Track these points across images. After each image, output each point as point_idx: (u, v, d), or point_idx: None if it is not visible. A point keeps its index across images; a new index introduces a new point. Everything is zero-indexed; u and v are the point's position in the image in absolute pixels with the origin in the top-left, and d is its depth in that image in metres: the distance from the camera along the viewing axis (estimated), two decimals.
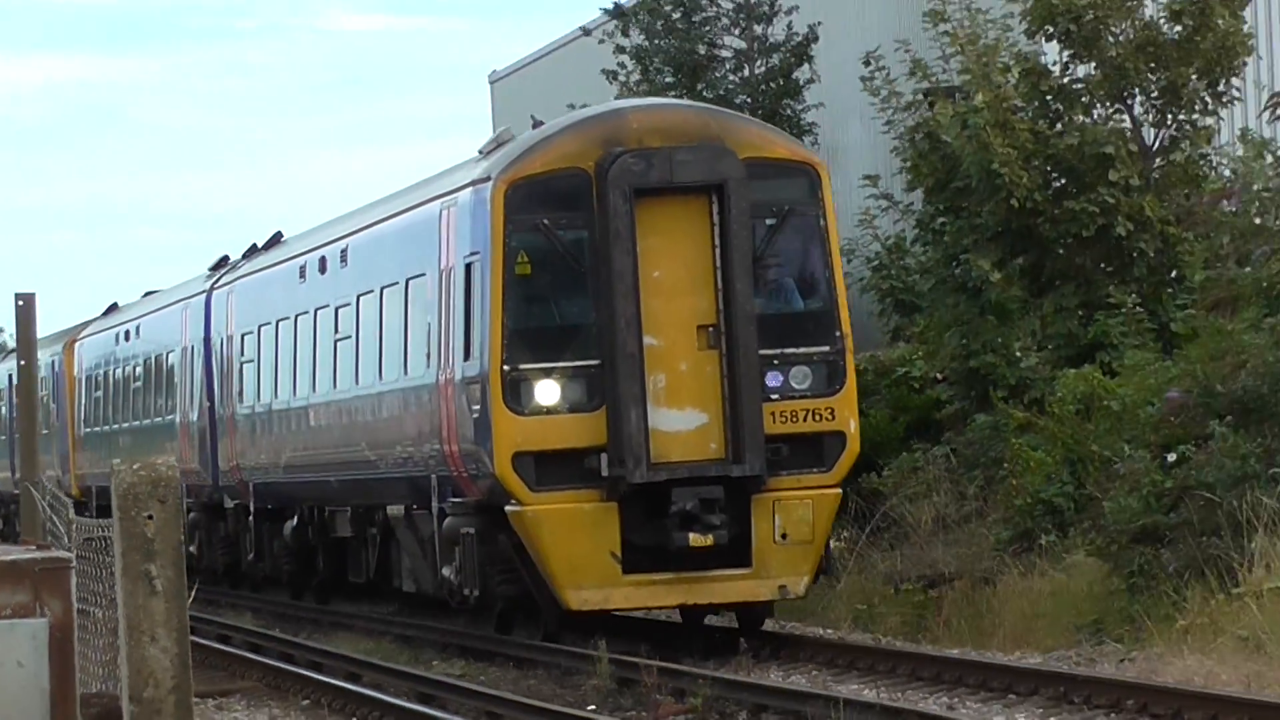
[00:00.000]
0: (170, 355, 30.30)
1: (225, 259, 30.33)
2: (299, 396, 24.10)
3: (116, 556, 6.03)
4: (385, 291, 20.58)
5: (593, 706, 14.93)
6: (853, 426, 17.02)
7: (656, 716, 14.19)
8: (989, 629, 17.10)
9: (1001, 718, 13.20)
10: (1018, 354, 19.63)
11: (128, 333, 33.61)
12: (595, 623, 17.24)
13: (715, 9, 31.86)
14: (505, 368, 16.35)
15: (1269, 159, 18.60)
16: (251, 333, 26.12)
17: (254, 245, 28.57)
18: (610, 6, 32.46)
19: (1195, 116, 21.67)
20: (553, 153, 16.89)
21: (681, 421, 16.45)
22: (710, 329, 16.48)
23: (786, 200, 17.00)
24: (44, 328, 26.56)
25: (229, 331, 27.20)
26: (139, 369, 32.71)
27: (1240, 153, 19.75)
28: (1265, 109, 19.69)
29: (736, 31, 32.05)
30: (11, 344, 34.76)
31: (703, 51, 30.97)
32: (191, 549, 27.82)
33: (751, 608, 17.31)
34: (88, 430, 36.40)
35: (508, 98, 44.84)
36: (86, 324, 38.82)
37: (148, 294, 36.00)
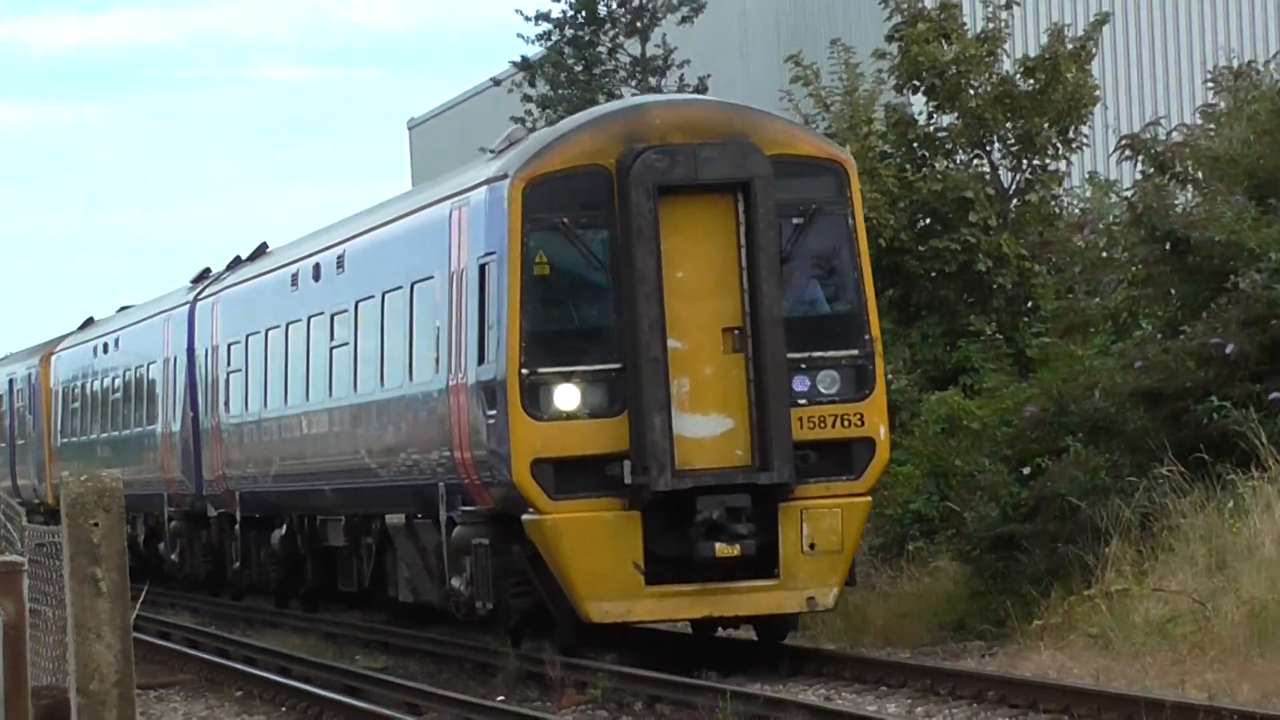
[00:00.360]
0: (151, 367, 30.28)
1: (207, 271, 30.04)
2: (291, 405, 23.49)
3: (65, 561, 6.43)
4: (387, 296, 19.79)
5: (501, 697, 15.64)
6: (883, 433, 16.45)
7: (560, 705, 14.96)
8: (862, 627, 18.22)
9: (874, 707, 14.13)
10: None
11: (106, 345, 34.00)
12: (611, 635, 16.75)
13: (614, 62, 35.49)
14: (524, 371, 15.64)
15: (1114, 198, 21.69)
16: (239, 342, 25.71)
17: (238, 257, 28.16)
18: (519, 60, 36.49)
19: (1048, 161, 24.45)
20: (572, 149, 16.16)
21: (706, 427, 15.79)
22: (735, 332, 15.82)
23: (814, 199, 16.37)
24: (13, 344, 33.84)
25: (214, 342, 26.92)
26: (118, 381, 32.91)
27: (1089, 193, 23.97)
28: (1115, 151, 21.29)
29: (634, 84, 35.10)
30: None
31: (603, 101, 31.66)
32: (173, 557, 28.90)
33: (777, 620, 16.71)
34: (65, 441, 36.72)
35: (424, 143, 48.62)
36: (62, 338, 39.33)
37: (123, 308, 36.46)
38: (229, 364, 26.20)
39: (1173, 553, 15.51)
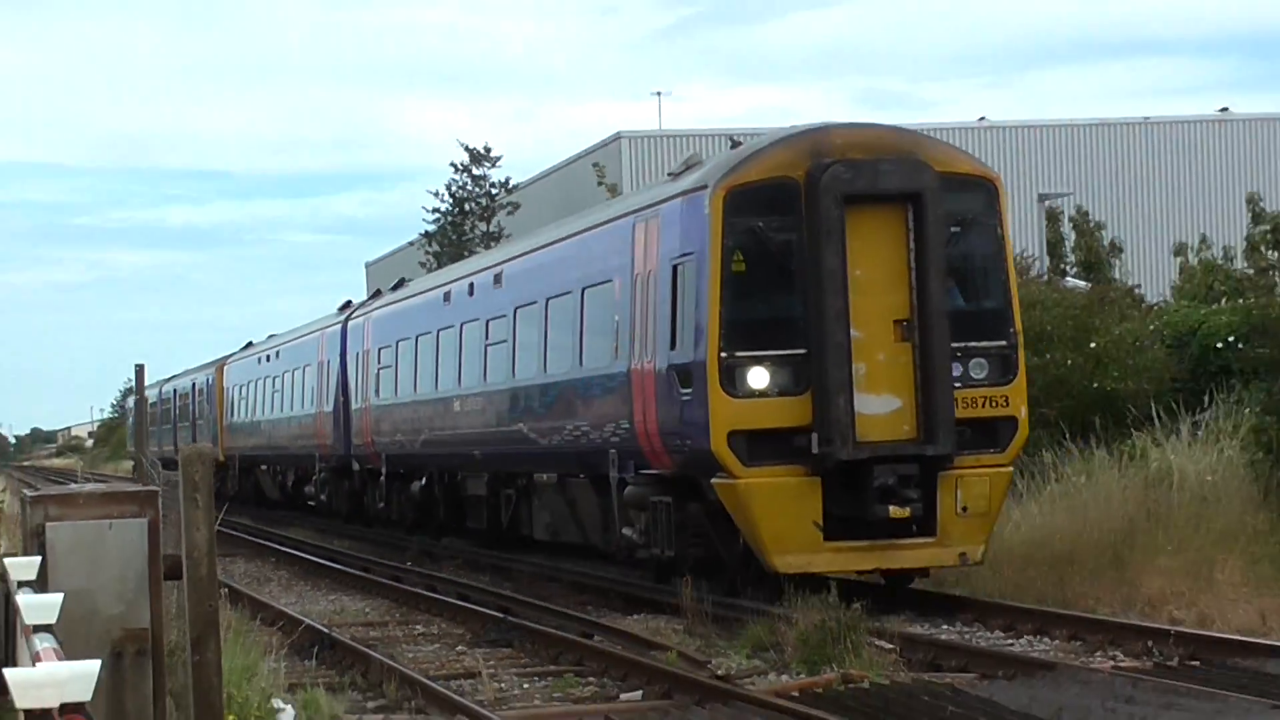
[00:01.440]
0: (307, 369, 40.91)
1: (349, 302, 41.56)
2: (441, 390, 29.21)
3: (180, 488, 10.93)
4: (551, 301, 23.72)
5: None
6: (1023, 412, 18.67)
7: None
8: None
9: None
10: None
11: (267, 356, 47.20)
12: (774, 583, 18.81)
13: (473, 235, 58.68)
14: (722, 355, 17.82)
15: None
16: (389, 347, 33.10)
17: (378, 290, 37.16)
18: (424, 233, 61.29)
19: None
20: (766, 163, 18.37)
21: (879, 406, 17.89)
22: (904, 323, 17.99)
23: (969, 210, 18.57)
24: (194, 362, 59.35)
25: (365, 348, 35.02)
26: (277, 380, 45.26)
27: None
28: None
29: (481, 246, 53.85)
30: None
31: (466, 255, 50.11)
32: (322, 496, 40.09)
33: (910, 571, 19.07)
34: (232, 421, 52.83)
35: (375, 274, 74.27)
36: (229, 355, 56.25)
37: (270, 336, 51.69)
38: (379, 363, 33.76)
39: None
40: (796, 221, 17.99)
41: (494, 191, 58.50)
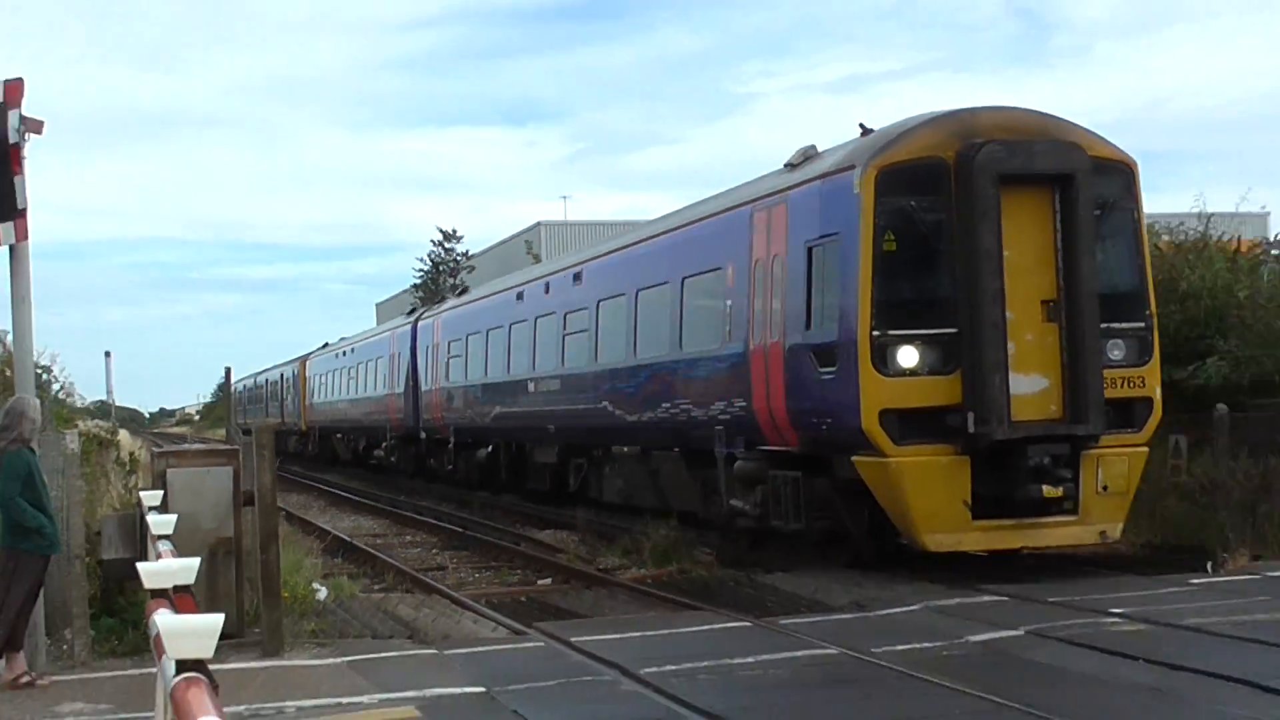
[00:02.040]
0: (380, 361, 48.61)
1: (415, 306, 53.44)
2: (513, 374, 32.65)
3: (253, 447, 16.04)
4: (641, 294, 25.11)
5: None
6: (1158, 393, 18.66)
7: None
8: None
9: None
10: None
11: (344, 352, 57.45)
12: (897, 560, 19.19)
13: (445, 286, 75.73)
14: (875, 334, 17.59)
15: None
16: (458, 340, 38.13)
17: (443, 296, 46.40)
18: (413, 285, 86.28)
19: None
20: (916, 143, 18.03)
21: (1028, 385, 17.72)
22: (1050, 304, 17.81)
23: (1109, 194, 18.39)
24: (281, 358, 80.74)
25: (434, 341, 40.85)
26: (353, 370, 54.03)
27: None
28: None
29: (451, 295, 55.98)
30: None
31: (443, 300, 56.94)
32: (392, 459, 48.12)
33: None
34: (314, 401, 65.44)
35: (383, 312, 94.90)
36: (310, 352, 68.62)
37: (342, 339, 63.43)
38: (449, 353, 39.08)
39: None
40: (946, 201, 17.73)
41: (458, 259, 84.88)
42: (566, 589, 20.68)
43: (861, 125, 19.47)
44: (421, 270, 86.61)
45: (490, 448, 35.40)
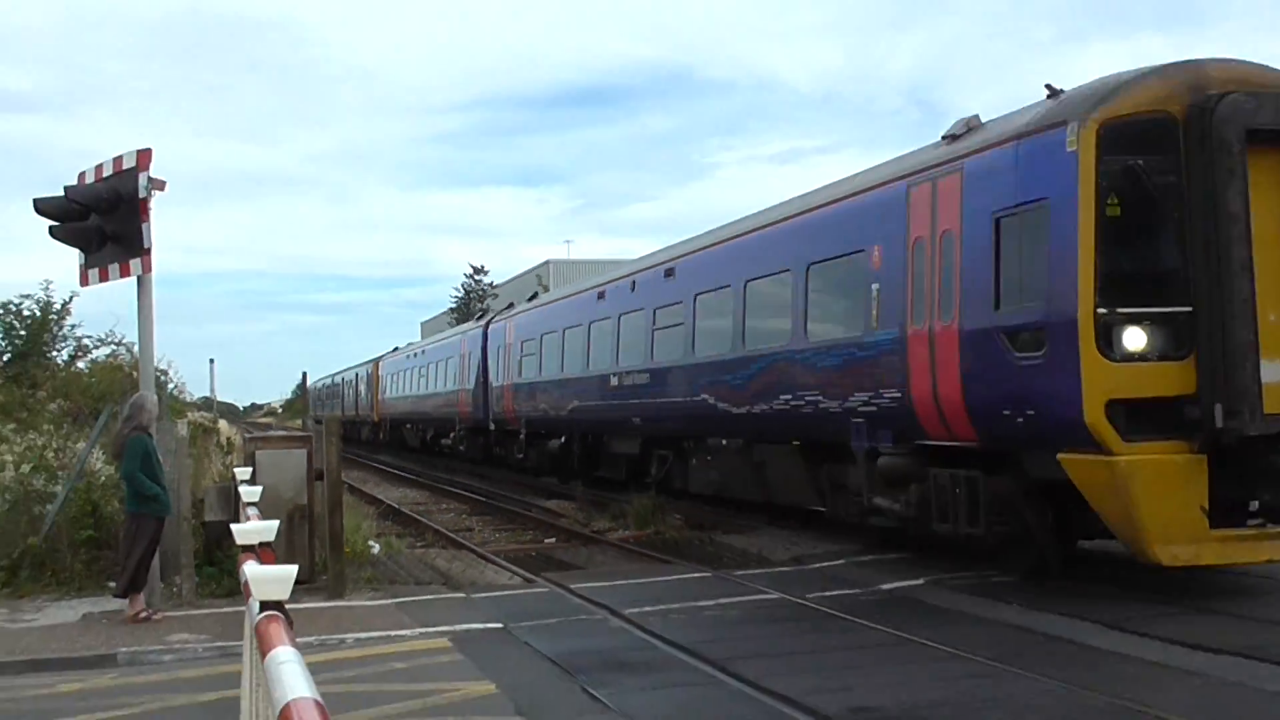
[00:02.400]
0: (450, 361, 45.90)
1: (485, 309, 58.27)
2: (593, 369, 29.07)
3: (324, 434, 16.57)
4: (749, 284, 20.94)
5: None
6: None
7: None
8: None
9: None
10: None
11: (415, 354, 55.98)
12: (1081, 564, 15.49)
13: (475, 309, 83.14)
14: (1099, 311, 13.07)
15: None
16: (532, 339, 34.83)
17: (510, 304, 42.20)
18: (450, 307, 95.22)
19: None
20: (1143, 95, 13.48)
21: (1275, 373, 13.03)
22: None
23: None
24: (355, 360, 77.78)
25: (507, 341, 37.49)
26: (423, 369, 51.79)
27: None
28: None
29: (479, 320, 57.73)
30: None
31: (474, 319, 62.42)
32: (460, 447, 45.09)
33: None
34: (385, 396, 62.93)
35: (426, 329, 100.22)
36: (382, 355, 66.82)
37: (409, 344, 65.68)
38: (522, 352, 35.68)
39: None
40: (1176, 160, 13.36)
41: (484, 288, 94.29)
42: (567, 546, 22.54)
43: (1049, 87, 14.65)
44: (456, 296, 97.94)
45: (563, 439, 32.84)
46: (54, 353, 25.78)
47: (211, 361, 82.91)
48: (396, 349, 66.21)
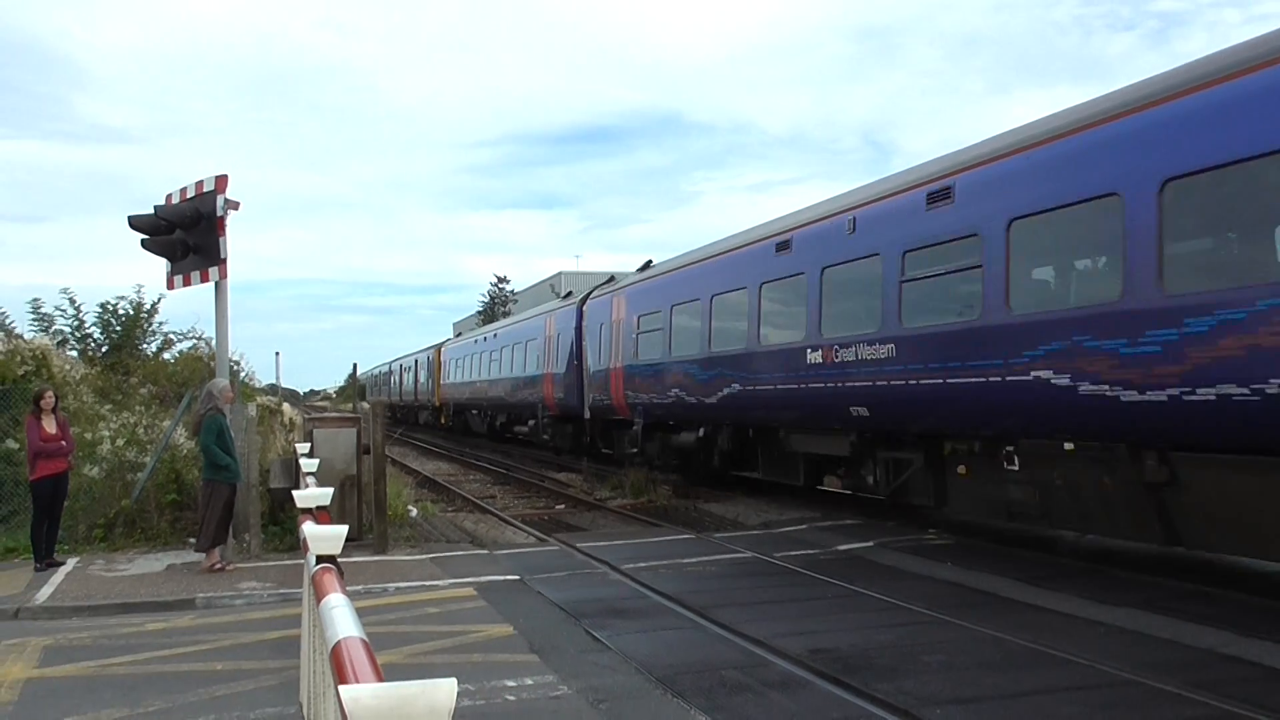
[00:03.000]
0: (531, 344, 36.09)
1: (570, 293, 37.22)
2: (765, 343, 18.42)
3: (371, 417, 16.17)
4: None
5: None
6: None
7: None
8: None
9: None
10: None
11: (486, 338, 45.09)
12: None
13: (499, 313, 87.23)
14: None
15: None
16: (656, 313, 23.68)
17: (611, 277, 30.53)
18: (478, 310, 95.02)
19: None
20: None
21: None
22: None
23: None
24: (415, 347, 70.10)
25: (615, 318, 26.50)
26: (494, 353, 41.92)
27: None
28: None
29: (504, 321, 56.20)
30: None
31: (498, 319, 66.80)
32: (544, 435, 35.17)
33: None
34: (446, 382, 54.21)
35: (458, 328, 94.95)
36: (444, 340, 58.89)
37: (458, 334, 58.83)
38: (638, 329, 24.77)
39: None
40: None
41: (507, 294, 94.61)
42: (574, 512, 22.33)
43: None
44: (482, 301, 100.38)
45: (700, 431, 22.31)
46: (144, 345, 25.81)
47: (277, 354, 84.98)
48: (460, 334, 58.82)
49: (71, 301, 27.31)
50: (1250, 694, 8.19)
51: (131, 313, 26.84)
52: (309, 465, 12.35)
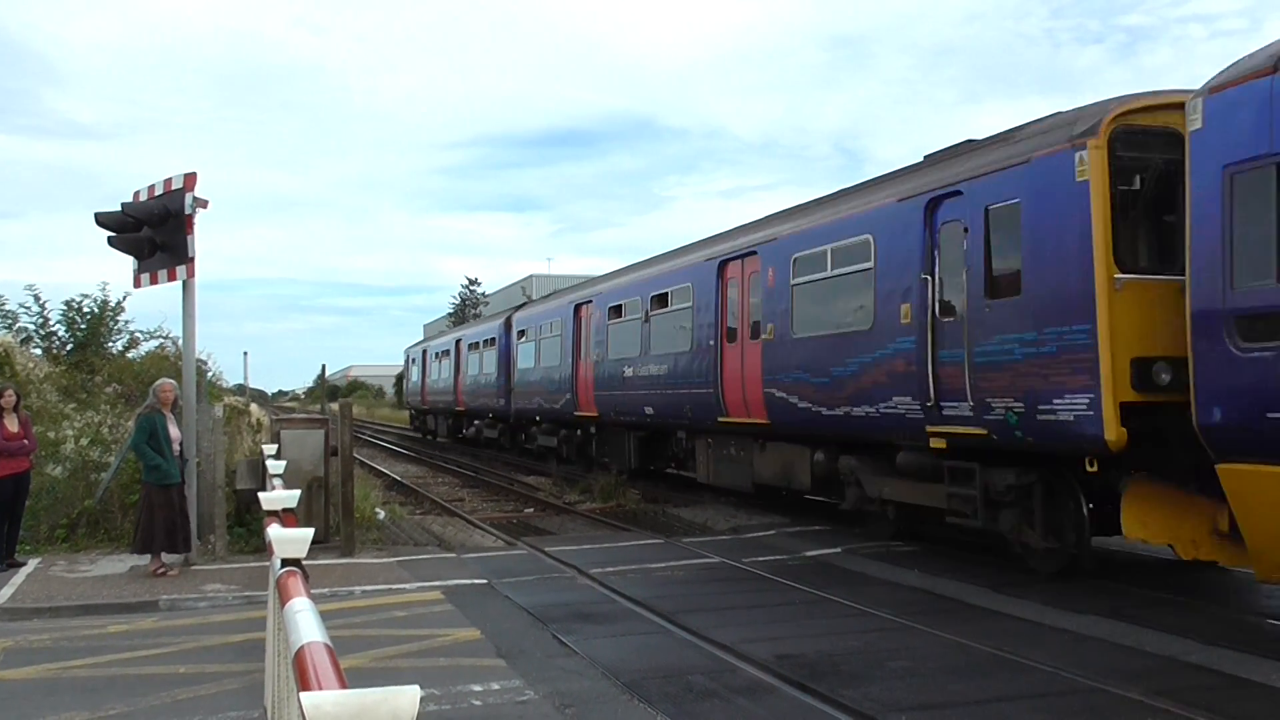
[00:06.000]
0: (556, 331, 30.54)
1: (479, 314, 63.81)
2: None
3: (339, 418, 16.47)
4: None
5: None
6: None
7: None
8: None
9: None
10: None
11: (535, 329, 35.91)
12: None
13: (469, 315, 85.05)
14: None
15: None
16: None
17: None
18: (449, 312, 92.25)
19: None
20: None
21: None
22: None
23: None
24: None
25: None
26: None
27: None
28: None
29: (473, 323, 55.89)
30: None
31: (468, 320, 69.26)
32: (557, 445, 30.39)
33: None
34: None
35: (428, 330, 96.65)
36: (514, 310, 52.30)
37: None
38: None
39: None
40: None
41: (478, 296, 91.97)
42: (543, 516, 22.49)
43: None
44: (454, 303, 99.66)
45: (821, 453, 16.32)
46: (109, 343, 25.65)
47: (245, 354, 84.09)
48: (529, 300, 39.03)
49: (36, 298, 27.11)
50: (1212, 702, 8.26)
51: (97, 311, 26.62)
52: (276, 467, 12.27)
